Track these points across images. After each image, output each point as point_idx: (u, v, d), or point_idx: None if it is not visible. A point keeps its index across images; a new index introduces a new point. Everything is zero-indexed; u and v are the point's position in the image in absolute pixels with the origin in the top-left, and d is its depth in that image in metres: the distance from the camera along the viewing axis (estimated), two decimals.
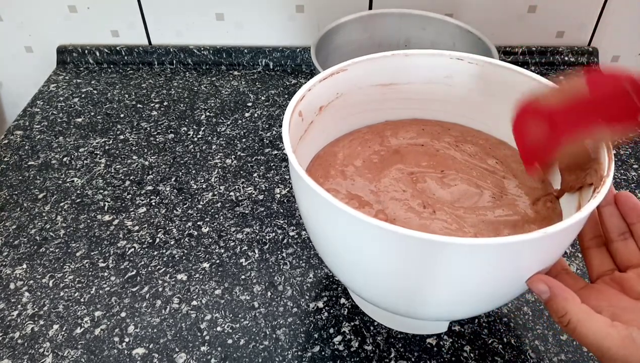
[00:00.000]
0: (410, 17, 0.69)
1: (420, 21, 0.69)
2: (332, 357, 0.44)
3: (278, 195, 0.59)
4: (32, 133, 0.68)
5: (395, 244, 0.31)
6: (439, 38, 0.68)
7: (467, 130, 0.48)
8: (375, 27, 0.70)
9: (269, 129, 0.68)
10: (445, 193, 0.41)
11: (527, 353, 0.44)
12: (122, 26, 0.80)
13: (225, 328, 0.46)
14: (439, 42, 0.69)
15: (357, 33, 0.69)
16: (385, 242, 0.31)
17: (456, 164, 0.44)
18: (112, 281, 0.50)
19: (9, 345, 0.45)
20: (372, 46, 0.71)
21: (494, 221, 0.39)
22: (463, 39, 0.66)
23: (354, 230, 0.32)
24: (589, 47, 0.80)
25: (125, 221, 0.56)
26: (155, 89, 0.76)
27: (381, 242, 0.31)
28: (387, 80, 0.46)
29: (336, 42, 0.67)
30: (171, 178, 0.61)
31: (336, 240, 0.35)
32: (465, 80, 0.46)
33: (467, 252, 0.30)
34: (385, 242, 0.31)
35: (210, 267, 0.51)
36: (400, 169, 0.43)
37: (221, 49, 0.80)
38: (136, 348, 0.45)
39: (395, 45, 0.71)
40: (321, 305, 0.48)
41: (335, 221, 0.33)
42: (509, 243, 0.29)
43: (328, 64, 0.64)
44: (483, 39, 0.63)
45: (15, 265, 0.52)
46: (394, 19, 0.69)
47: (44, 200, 0.58)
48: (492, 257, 0.31)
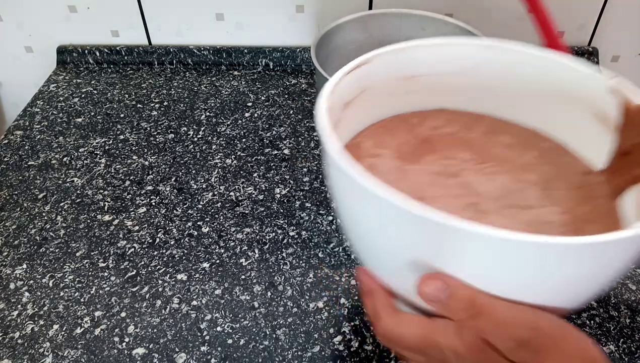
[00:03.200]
0: (410, 17, 0.69)
1: (420, 21, 0.69)
2: (332, 357, 0.44)
3: (278, 195, 0.59)
4: (32, 133, 0.68)
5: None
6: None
7: (498, 122, 0.44)
8: (375, 27, 0.70)
9: (269, 129, 0.68)
10: (489, 188, 0.37)
11: None
12: (122, 26, 0.80)
13: (225, 328, 0.46)
14: None
15: (357, 33, 0.69)
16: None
17: (494, 156, 0.40)
18: (112, 281, 0.50)
19: (9, 345, 0.45)
20: (372, 46, 0.71)
21: (547, 221, 0.35)
22: None
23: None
24: (589, 47, 0.80)
25: (125, 221, 0.56)
26: (155, 89, 0.76)
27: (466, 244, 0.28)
28: (412, 72, 0.43)
29: (336, 42, 0.67)
30: (171, 178, 0.61)
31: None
32: (495, 70, 0.42)
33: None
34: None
35: (210, 267, 0.51)
36: (433, 160, 0.39)
37: (221, 49, 0.80)
38: (136, 348, 0.45)
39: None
40: (321, 305, 0.48)
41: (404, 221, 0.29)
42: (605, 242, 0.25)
43: (328, 64, 0.64)
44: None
45: (15, 265, 0.52)
46: (394, 19, 0.69)
47: (44, 200, 0.58)
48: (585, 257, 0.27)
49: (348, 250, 0.53)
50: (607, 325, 0.46)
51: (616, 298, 0.48)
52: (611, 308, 0.48)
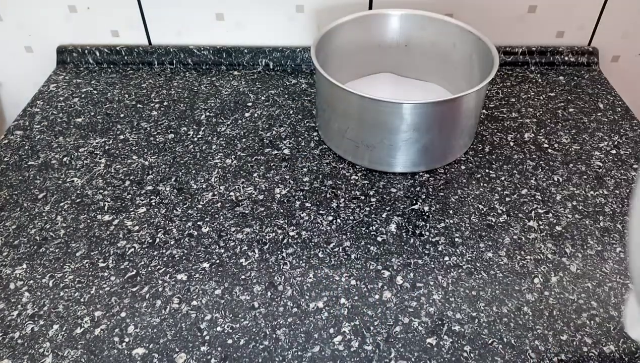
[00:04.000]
0: (411, 17, 0.69)
1: (421, 21, 0.69)
2: (332, 357, 0.44)
3: (278, 195, 0.59)
4: (32, 133, 0.68)
5: None
6: (439, 38, 0.68)
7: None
8: (376, 27, 0.70)
9: (269, 129, 0.68)
10: None
11: (527, 353, 0.44)
12: (122, 26, 0.80)
13: (225, 328, 0.46)
14: (439, 41, 0.69)
15: (357, 33, 0.69)
16: None
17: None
18: (112, 281, 0.50)
19: (9, 345, 0.45)
20: (372, 46, 0.71)
21: None
22: (463, 39, 0.66)
23: None
24: (589, 47, 0.80)
25: (125, 221, 0.56)
26: (155, 89, 0.76)
27: None
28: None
29: (336, 42, 0.67)
30: (171, 178, 0.61)
31: None
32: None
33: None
34: None
35: (210, 267, 0.51)
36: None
37: (221, 49, 0.80)
38: (136, 348, 0.45)
39: (395, 45, 0.71)
40: (321, 305, 0.48)
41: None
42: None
43: (328, 64, 0.64)
44: (483, 39, 0.63)
45: (15, 265, 0.52)
46: (394, 19, 0.69)
47: (44, 200, 0.58)
48: None
49: (348, 250, 0.53)
50: (607, 325, 0.46)
51: (616, 298, 0.49)
52: (611, 308, 0.48)
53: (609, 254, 0.52)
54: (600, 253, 0.53)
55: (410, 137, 0.57)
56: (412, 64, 0.73)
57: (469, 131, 0.62)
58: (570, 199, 0.58)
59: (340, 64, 0.69)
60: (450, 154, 0.62)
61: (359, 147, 0.60)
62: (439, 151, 0.61)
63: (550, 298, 0.48)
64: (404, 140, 0.57)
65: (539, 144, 0.65)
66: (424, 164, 0.61)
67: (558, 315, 0.47)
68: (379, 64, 0.74)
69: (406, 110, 0.56)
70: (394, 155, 0.60)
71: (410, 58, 0.72)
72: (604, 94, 0.74)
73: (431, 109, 0.57)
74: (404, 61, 0.73)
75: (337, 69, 0.66)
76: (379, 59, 0.73)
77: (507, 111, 0.71)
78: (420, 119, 0.57)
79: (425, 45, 0.70)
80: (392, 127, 0.57)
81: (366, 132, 0.59)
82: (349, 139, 0.60)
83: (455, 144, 0.62)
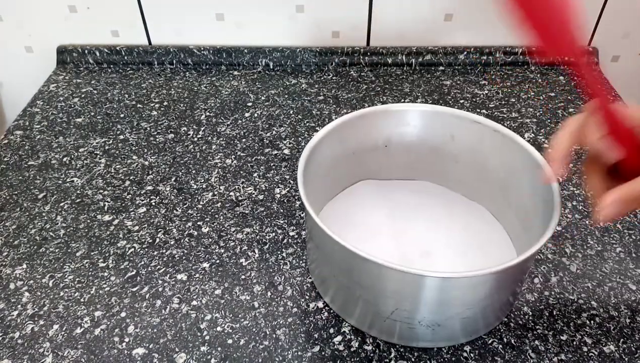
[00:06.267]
0: (393, 113, 0.53)
1: (407, 116, 0.53)
2: (332, 357, 0.44)
3: (278, 195, 0.59)
4: (32, 133, 0.68)
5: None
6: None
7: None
8: (350, 134, 0.52)
9: (269, 129, 0.68)
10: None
11: (527, 353, 0.44)
12: (122, 26, 0.80)
13: (225, 328, 0.46)
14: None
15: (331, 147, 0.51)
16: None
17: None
18: (112, 281, 0.50)
19: (9, 345, 0.45)
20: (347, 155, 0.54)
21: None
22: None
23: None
24: (589, 47, 0.80)
25: (125, 221, 0.56)
26: (155, 89, 0.76)
27: None
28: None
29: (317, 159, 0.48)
30: (171, 178, 0.61)
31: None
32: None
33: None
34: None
35: (210, 267, 0.51)
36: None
37: (221, 49, 0.80)
38: (136, 348, 0.45)
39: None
40: (321, 305, 0.48)
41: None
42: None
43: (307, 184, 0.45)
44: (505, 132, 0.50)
45: (15, 265, 0.52)
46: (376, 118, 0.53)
47: (44, 200, 0.58)
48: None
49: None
50: (607, 325, 0.46)
51: (616, 298, 0.49)
52: (611, 308, 0.48)
53: (609, 254, 0.52)
54: (600, 253, 0.53)
55: None
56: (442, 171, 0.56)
57: None
58: (570, 199, 0.58)
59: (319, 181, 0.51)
60: None
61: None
62: None
63: (550, 298, 0.48)
64: None
65: (539, 144, 0.65)
66: None
67: (558, 315, 0.47)
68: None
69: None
70: None
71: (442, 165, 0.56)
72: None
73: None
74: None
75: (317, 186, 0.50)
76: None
77: (507, 111, 0.71)
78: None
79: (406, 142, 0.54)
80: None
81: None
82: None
83: None
